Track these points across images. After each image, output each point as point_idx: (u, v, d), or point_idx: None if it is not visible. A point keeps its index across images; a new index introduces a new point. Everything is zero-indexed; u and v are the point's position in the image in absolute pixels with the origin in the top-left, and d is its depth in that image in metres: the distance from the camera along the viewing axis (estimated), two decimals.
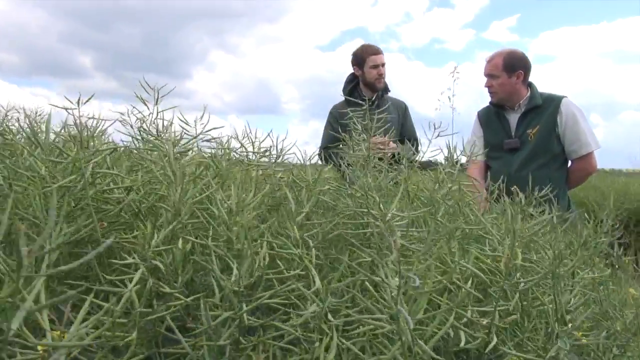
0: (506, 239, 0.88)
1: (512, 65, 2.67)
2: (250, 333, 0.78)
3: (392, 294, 0.61)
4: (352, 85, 3.38)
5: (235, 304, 0.72)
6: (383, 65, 3.24)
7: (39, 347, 0.53)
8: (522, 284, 0.75)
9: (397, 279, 0.64)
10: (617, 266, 1.18)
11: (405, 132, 3.30)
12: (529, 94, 2.70)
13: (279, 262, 0.85)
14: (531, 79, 2.75)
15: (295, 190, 1.11)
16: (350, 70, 3.40)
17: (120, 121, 1.60)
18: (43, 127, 1.04)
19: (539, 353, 0.75)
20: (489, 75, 2.74)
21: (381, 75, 3.23)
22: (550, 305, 0.80)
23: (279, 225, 0.98)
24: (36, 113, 1.64)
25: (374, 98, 3.26)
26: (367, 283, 0.78)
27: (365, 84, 3.30)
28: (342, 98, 3.44)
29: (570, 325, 0.78)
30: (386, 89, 3.34)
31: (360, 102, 3.06)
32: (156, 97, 1.23)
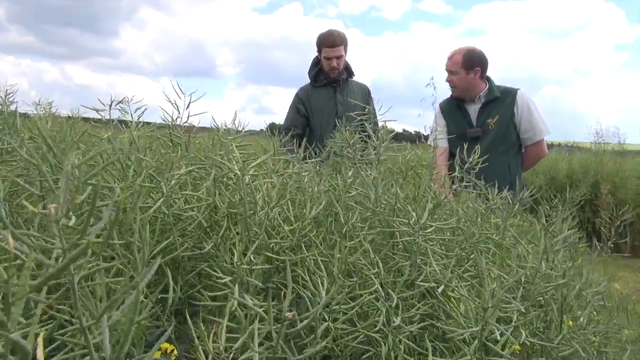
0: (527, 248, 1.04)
1: (471, 63, 2.89)
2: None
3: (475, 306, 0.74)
4: (318, 68, 3.45)
5: (325, 317, 0.83)
6: (338, 57, 3.30)
7: None
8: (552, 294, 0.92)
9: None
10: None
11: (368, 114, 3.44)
12: (487, 87, 2.94)
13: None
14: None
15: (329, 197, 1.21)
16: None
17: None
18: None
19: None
20: (449, 71, 2.96)
21: (333, 68, 3.31)
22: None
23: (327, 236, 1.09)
24: None
25: (338, 80, 3.36)
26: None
27: (323, 70, 3.39)
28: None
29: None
30: (350, 73, 3.44)
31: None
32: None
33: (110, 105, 1.66)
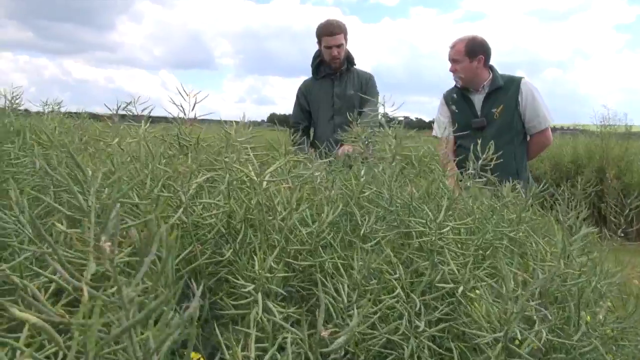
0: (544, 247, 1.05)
1: (474, 51, 2.87)
2: None
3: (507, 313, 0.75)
4: (318, 61, 3.44)
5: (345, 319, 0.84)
6: (339, 46, 3.27)
7: None
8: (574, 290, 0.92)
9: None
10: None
11: (364, 104, 3.41)
12: (491, 76, 2.92)
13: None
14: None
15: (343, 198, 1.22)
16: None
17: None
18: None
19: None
20: (453, 60, 2.94)
21: (334, 57, 3.29)
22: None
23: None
24: None
25: (338, 73, 3.35)
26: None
27: (323, 61, 3.37)
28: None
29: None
30: (351, 62, 3.42)
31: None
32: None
33: (117, 109, 1.66)
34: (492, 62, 2.99)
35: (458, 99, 3.01)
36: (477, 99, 2.94)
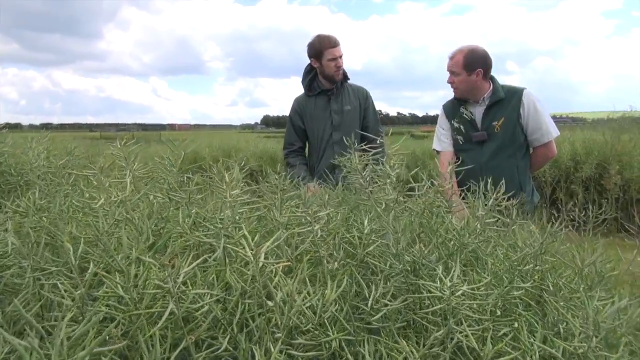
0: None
1: (472, 64, 2.76)
2: None
3: None
4: (311, 77, 3.34)
5: None
6: (341, 57, 3.21)
7: None
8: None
9: None
10: None
11: (367, 123, 3.33)
12: (491, 87, 2.82)
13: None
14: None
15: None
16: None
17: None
18: None
19: None
20: (451, 71, 2.83)
21: (339, 68, 3.21)
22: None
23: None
24: None
25: (333, 88, 3.26)
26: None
27: (324, 76, 3.27)
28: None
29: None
30: (345, 77, 3.33)
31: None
32: None
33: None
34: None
35: (457, 111, 2.92)
36: (478, 112, 2.84)
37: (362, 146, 1.66)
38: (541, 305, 1.18)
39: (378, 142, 1.55)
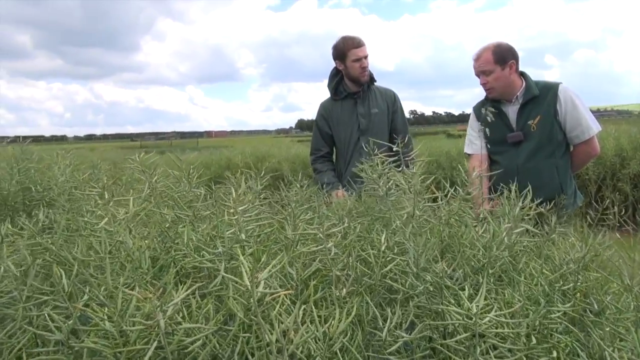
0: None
1: (503, 57, 2.60)
2: None
3: None
4: (337, 80, 3.24)
5: None
6: (366, 57, 3.10)
7: None
8: None
9: None
10: None
11: (395, 126, 3.21)
12: (524, 84, 2.65)
13: None
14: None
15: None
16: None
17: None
18: None
19: None
20: (482, 72, 2.66)
21: (364, 69, 3.10)
22: None
23: None
24: None
25: (359, 91, 3.15)
26: None
27: (349, 78, 3.17)
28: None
29: None
30: (372, 79, 3.22)
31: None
32: None
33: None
34: (519, 49, 2.70)
35: (490, 112, 2.75)
36: (511, 111, 2.66)
37: (385, 151, 1.55)
38: (583, 327, 1.04)
39: (409, 147, 1.46)
